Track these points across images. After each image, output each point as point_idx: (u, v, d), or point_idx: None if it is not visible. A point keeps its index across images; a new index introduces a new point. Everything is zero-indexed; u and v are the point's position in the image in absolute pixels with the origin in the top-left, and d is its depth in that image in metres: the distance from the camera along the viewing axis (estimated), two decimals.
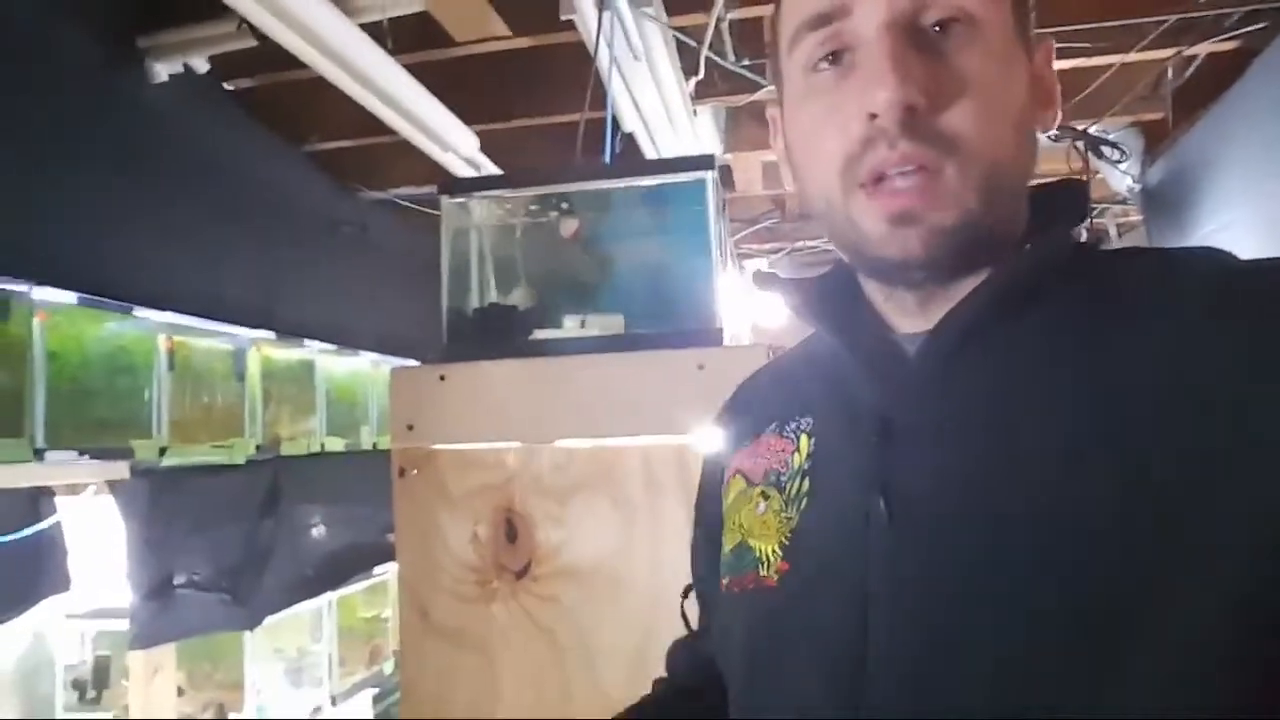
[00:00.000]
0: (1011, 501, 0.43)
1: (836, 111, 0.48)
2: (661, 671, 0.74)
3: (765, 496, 0.53)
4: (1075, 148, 2.46)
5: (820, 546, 0.49)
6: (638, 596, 1.07)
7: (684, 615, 0.68)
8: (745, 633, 0.52)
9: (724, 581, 0.55)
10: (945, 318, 0.49)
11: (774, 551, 0.51)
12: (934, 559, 0.44)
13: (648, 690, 0.72)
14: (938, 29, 0.47)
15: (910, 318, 0.52)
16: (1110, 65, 2.02)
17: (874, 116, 0.46)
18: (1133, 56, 1.97)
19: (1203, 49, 1.98)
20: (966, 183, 0.46)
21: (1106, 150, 2.50)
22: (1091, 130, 2.43)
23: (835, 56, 0.49)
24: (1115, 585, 0.40)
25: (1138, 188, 2.60)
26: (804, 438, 0.53)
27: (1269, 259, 0.46)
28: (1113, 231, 3.37)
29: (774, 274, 0.57)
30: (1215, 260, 0.48)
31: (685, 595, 0.67)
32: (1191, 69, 2.13)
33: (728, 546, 0.56)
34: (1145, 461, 0.41)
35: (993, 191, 0.47)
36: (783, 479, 0.53)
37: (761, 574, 0.51)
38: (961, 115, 0.46)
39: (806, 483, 0.51)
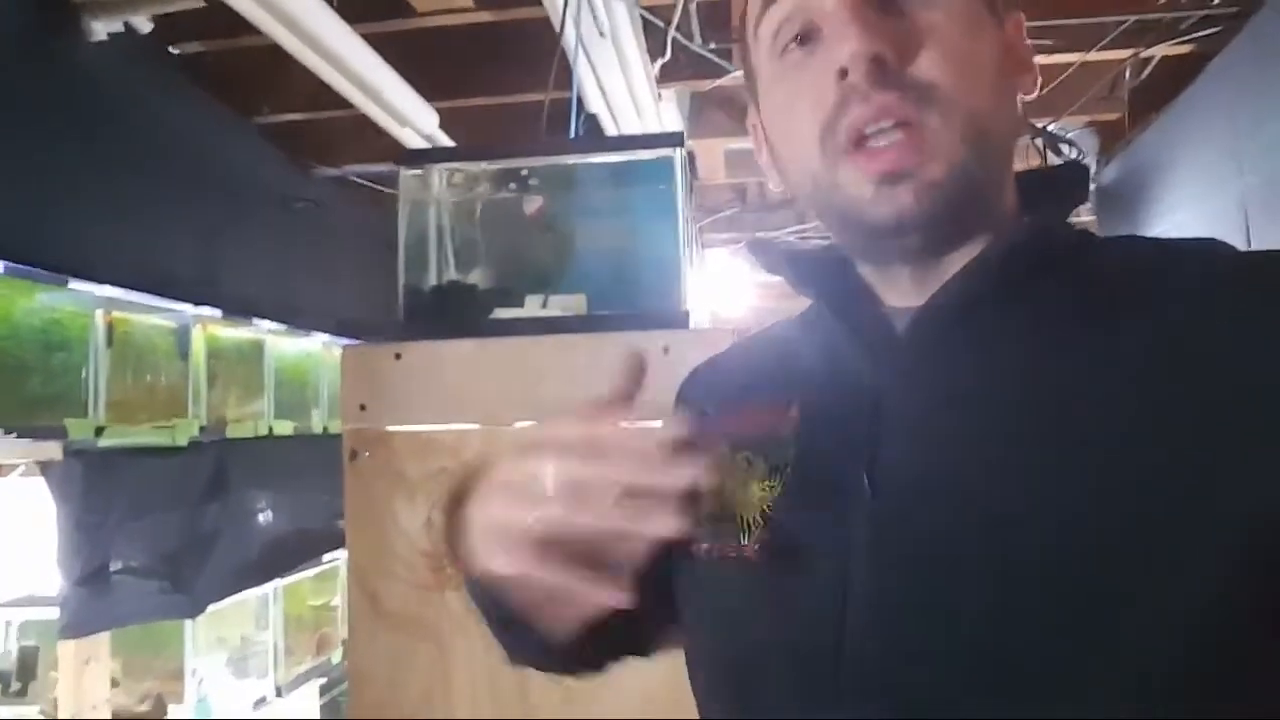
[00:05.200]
0: (996, 482, 0.42)
1: (808, 82, 0.48)
2: (621, 668, 0.72)
3: (748, 463, 0.52)
4: (1034, 145, 2.50)
5: (803, 519, 0.48)
6: None
7: None
8: (721, 602, 0.51)
9: (701, 547, 0.53)
10: (938, 292, 0.48)
11: (755, 521, 0.50)
12: (916, 536, 0.43)
13: (605, 681, 0.70)
14: None
15: (903, 293, 0.51)
16: (1070, 64, 2.05)
17: (844, 74, 0.45)
18: (1093, 56, 2.00)
19: (1159, 51, 2.02)
20: (951, 133, 0.45)
21: (1064, 148, 2.54)
22: (1050, 128, 2.47)
23: (802, 39, 0.49)
24: (1100, 570, 0.39)
25: (1093, 187, 2.66)
26: (793, 407, 0.52)
27: (1266, 251, 0.47)
28: None
29: (772, 243, 0.56)
30: (1213, 251, 0.47)
31: None
32: (1147, 71, 2.17)
33: (705, 510, 0.54)
34: (1133, 447, 0.40)
35: (980, 142, 0.46)
36: (768, 447, 0.51)
37: (742, 543, 0.50)
38: (932, 62, 0.46)
39: (792, 453, 0.50)
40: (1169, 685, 0.38)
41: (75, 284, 1.78)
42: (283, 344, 2.66)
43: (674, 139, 1.01)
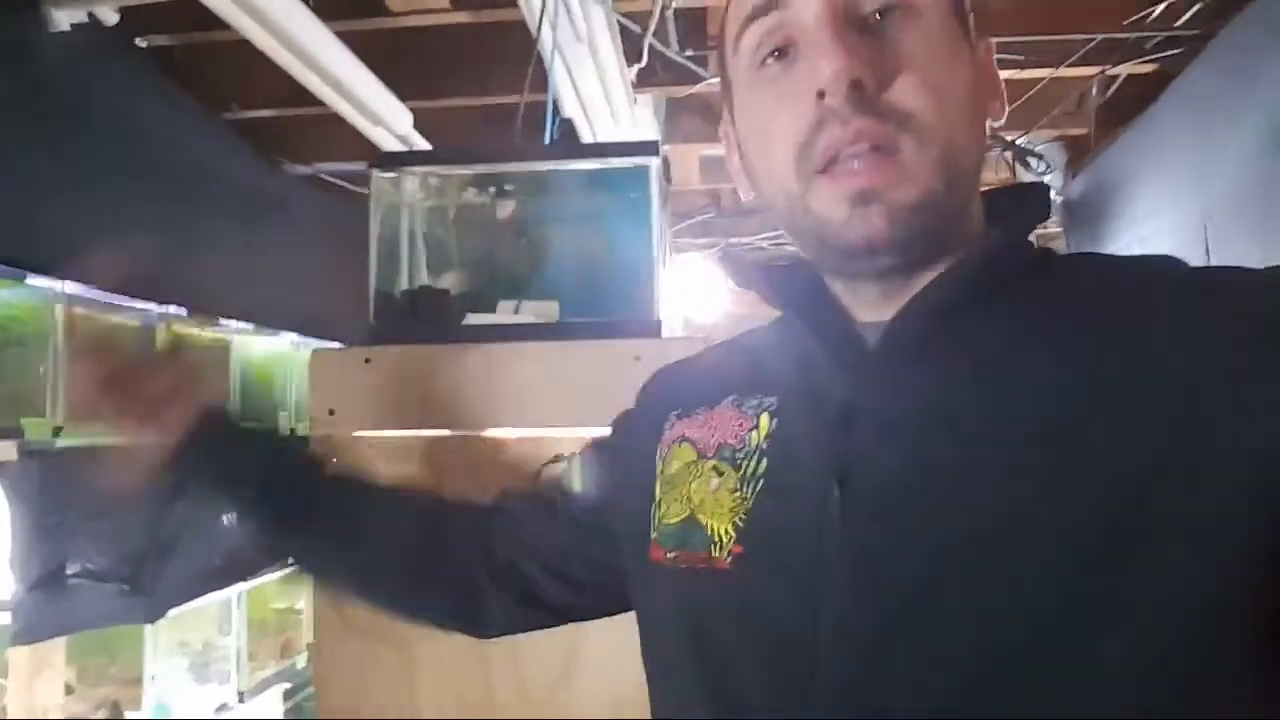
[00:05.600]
0: (968, 495, 0.43)
1: (785, 99, 0.48)
2: (591, 674, 0.74)
3: (719, 472, 0.52)
4: (1004, 158, 2.54)
5: (775, 531, 0.48)
6: None
7: (536, 476, 0.71)
8: (693, 613, 0.51)
9: (668, 554, 0.53)
10: (906, 305, 0.49)
11: (726, 532, 0.50)
12: (887, 550, 0.44)
13: (572, 688, 0.71)
14: (878, 16, 0.47)
15: (872, 308, 0.52)
16: (1040, 79, 2.09)
17: (822, 95, 0.46)
18: (1061, 72, 2.04)
19: (1124, 69, 2.07)
20: (924, 160, 0.46)
21: (1032, 162, 2.59)
22: (1019, 142, 2.51)
23: (781, 52, 0.49)
24: (1067, 582, 0.40)
25: (1059, 200, 2.70)
26: (765, 417, 0.52)
27: (1218, 266, 0.49)
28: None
29: (743, 256, 0.56)
30: (1169, 265, 0.49)
31: (552, 461, 0.70)
32: (1114, 88, 2.22)
33: (674, 517, 0.54)
34: (1100, 456, 0.41)
35: (952, 170, 0.47)
36: (739, 456, 0.52)
37: (713, 554, 0.50)
38: (910, 89, 0.46)
39: (764, 463, 0.50)
40: (1149, 694, 0.39)
41: (33, 279, 1.73)
42: (250, 344, 2.62)
43: (649, 147, 1.01)
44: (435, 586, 0.72)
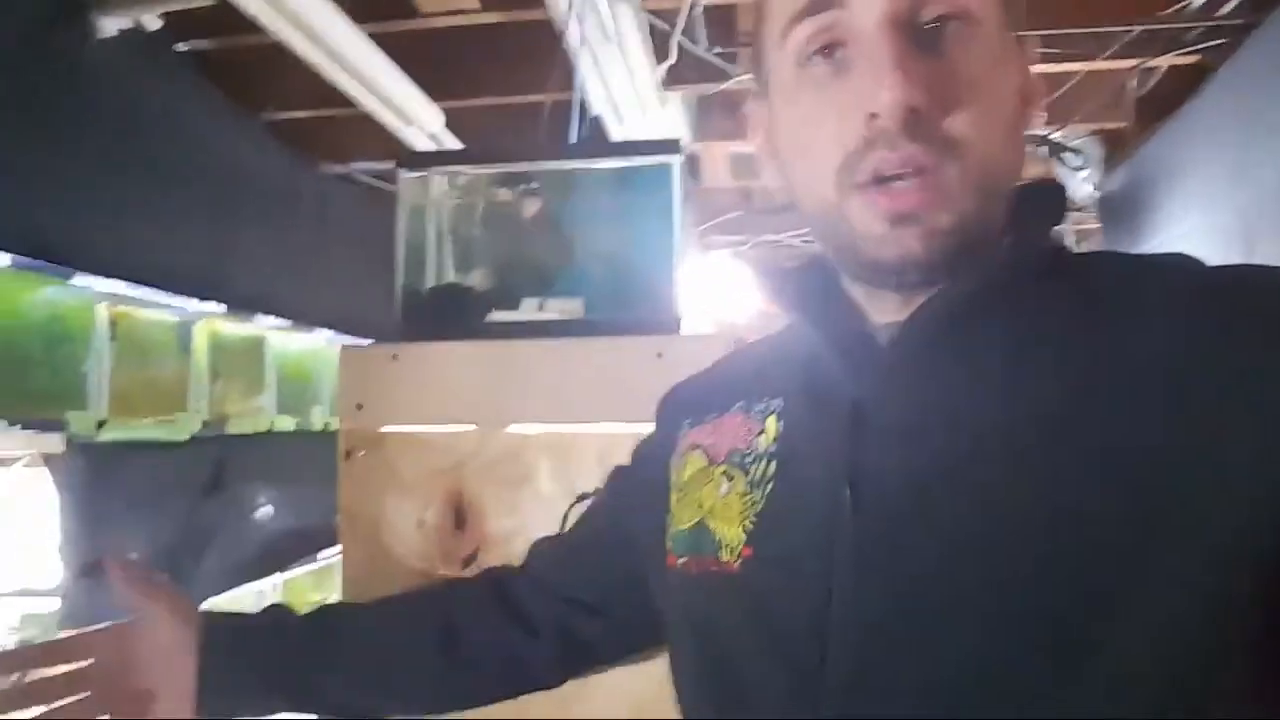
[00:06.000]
0: (979, 497, 0.43)
1: (833, 109, 0.47)
2: (611, 673, 0.74)
3: (729, 477, 0.52)
4: (1040, 153, 2.50)
5: (785, 533, 0.48)
6: None
7: (564, 522, 0.71)
8: (704, 617, 0.51)
9: (680, 560, 0.54)
10: (920, 308, 0.48)
11: (737, 536, 0.50)
12: (898, 550, 0.44)
13: (589, 686, 0.72)
14: (935, 24, 0.45)
15: (888, 310, 0.51)
16: (1076, 73, 2.05)
17: (874, 116, 0.45)
18: (1098, 65, 2.00)
19: (1164, 61, 2.02)
20: (966, 185, 0.46)
21: (1068, 156, 2.54)
22: (1054, 136, 2.47)
23: (829, 50, 0.47)
24: (1080, 584, 0.40)
25: (1096, 195, 2.65)
26: (772, 420, 0.52)
27: (1234, 265, 0.47)
28: (1070, 238, 3.44)
29: (757, 258, 0.56)
30: (1185, 264, 0.48)
31: (578, 501, 0.70)
32: (1153, 81, 2.17)
33: (686, 524, 0.54)
34: (1114, 459, 0.41)
35: (988, 193, 0.47)
36: (747, 460, 0.52)
37: (723, 558, 0.50)
38: (964, 118, 0.45)
39: (772, 466, 0.50)
40: (1161, 692, 0.39)
41: (79, 278, 1.79)
42: (286, 340, 2.67)
43: (671, 146, 1.02)
44: (478, 673, 0.71)
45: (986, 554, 0.42)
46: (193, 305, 2.14)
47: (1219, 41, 1.91)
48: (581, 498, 0.68)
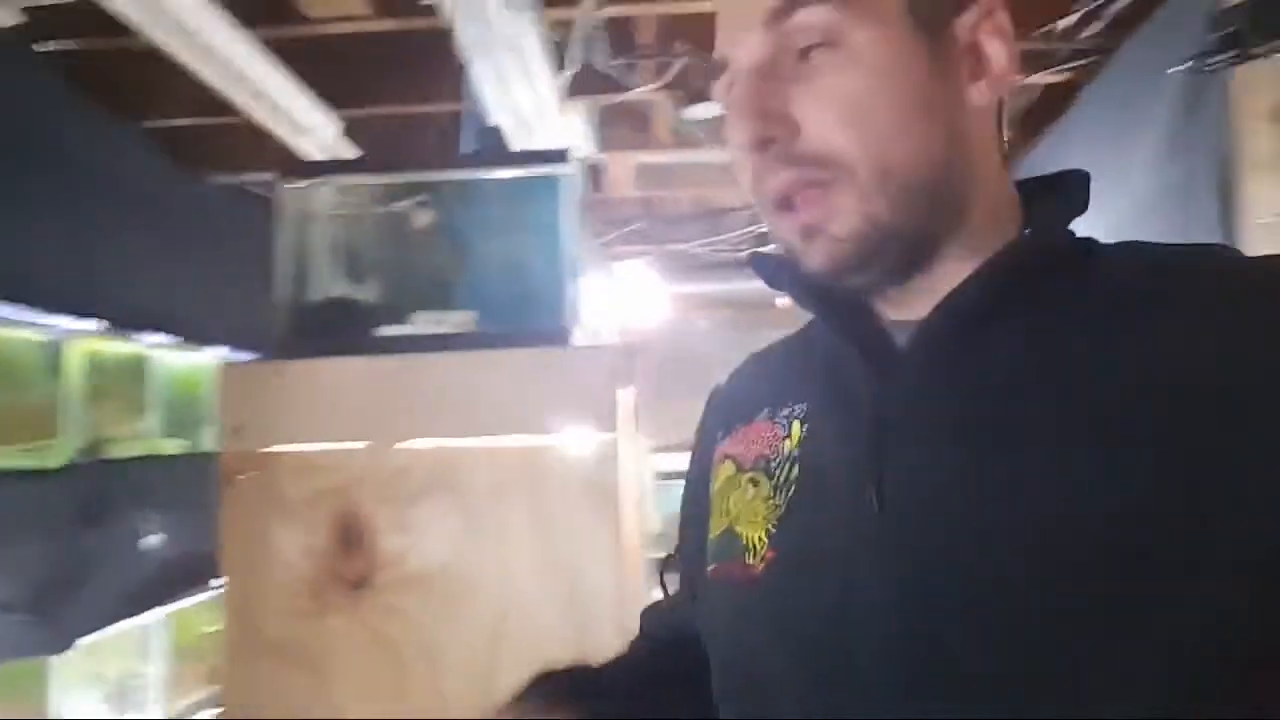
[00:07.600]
0: (1003, 498, 0.42)
1: (737, 151, 0.51)
2: (517, 678, 0.71)
3: (754, 483, 0.52)
4: None
5: (808, 535, 0.48)
6: (485, 604, 1.03)
7: (663, 583, 0.67)
8: (730, 621, 0.51)
9: (711, 568, 0.53)
10: (936, 308, 0.48)
11: (760, 539, 0.50)
12: (922, 552, 0.43)
13: (493, 702, 0.69)
14: (806, 56, 0.47)
15: (898, 307, 0.51)
16: None
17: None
18: None
19: (1039, 80, 2.14)
20: (860, 192, 0.46)
21: None
22: None
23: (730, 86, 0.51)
24: (1109, 587, 0.39)
25: None
26: (796, 424, 0.52)
27: (1272, 256, 0.47)
28: None
29: (770, 257, 0.56)
30: (1217, 257, 0.48)
31: (665, 566, 0.67)
32: (1032, 98, 2.30)
33: (715, 531, 0.54)
34: (1140, 460, 0.40)
35: (899, 194, 0.47)
36: (772, 465, 0.52)
37: (748, 562, 0.50)
38: (823, 132, 0.47)
39: (796, 469, 0.50)
40: (1182, 694, 0.39)
41: None
42: (172, 358, 2.53)
43: (559, 156, 1.01)
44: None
45: (1012, 556, 0.41)
46: (65, 323, 2.01)
47: (1087, 60, 2.03)
48: (668, 559, 0.67)
